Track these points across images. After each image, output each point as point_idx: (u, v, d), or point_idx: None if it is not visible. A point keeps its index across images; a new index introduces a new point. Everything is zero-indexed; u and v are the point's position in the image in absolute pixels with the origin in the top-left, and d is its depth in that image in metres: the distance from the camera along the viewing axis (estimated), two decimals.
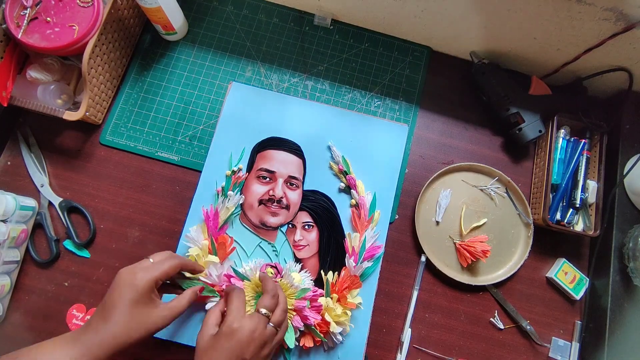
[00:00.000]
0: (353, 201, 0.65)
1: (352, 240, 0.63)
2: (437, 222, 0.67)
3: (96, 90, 0.64)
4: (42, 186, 0.65)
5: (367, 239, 0.63)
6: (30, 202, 0.63)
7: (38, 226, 0.64)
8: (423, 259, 0.65)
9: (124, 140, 0.68)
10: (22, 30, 0.58)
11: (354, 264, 0.62)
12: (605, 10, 0.55)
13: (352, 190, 0.65)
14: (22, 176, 0.65)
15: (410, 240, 0.67)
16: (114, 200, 0.65)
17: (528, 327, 0.64)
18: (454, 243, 0.67)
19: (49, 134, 0.67)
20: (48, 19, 0.59)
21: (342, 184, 0.65)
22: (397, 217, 0.67)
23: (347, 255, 0.62)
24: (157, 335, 0.53)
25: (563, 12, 0.57)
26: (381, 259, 0.64)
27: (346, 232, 0.64)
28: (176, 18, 0.67)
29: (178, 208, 0.65)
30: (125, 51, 0.70)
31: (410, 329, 0.63)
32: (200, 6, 0.74)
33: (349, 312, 0.59)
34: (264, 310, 0.50)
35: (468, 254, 0.64)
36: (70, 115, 0.60)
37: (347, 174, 0.65)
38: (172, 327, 0.59)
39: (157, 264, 0.49)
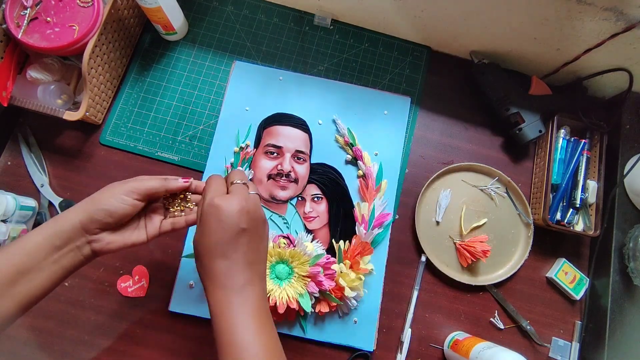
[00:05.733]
0: (360, 172, 0.67)
1: (362, 209, 0.65)
2: (437, 222, 0.67)
3: (96, 90, 0.64)
4: (42, 186, 0.65)
5: (375, 207, 0.65)
6: (30, 202, 0.63)
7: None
8: (423, 259, 0.65)
9: (124, 140, 0.68)
10: (22, 30, 0.58)
11: (364, 231, 0.63)
12: (605, 10, 0.55)
13: (358, 162, 0.67)
14: (22, 176, 0.65)
15: (410, 240, 0.67)
16: None
17: (528, 327, 0.64)
18: (454, 243, 0.67)
19: (49, 134, 0.67)
20: (48, 19, 0.59)
21: (349, 156, 0.67)
22: (397, 217, 0.67)
23: (357, 223, 0.64)
24: (175, 309, 0.61)
25: (563, 12, 0.57)
26: (390, 225, 0.65)
27: (355, 202, 0.66)
28: (176, 18, 0.67)
29: None
30: (125, 51, 0.70)
31: (410, 329, 0.63)
32: (200, 6, 0.74)
33: (362, 277, 0.61)
34: (238, 180, 0.44)
35: (468, 254, 0.64)
36: (70, 115, 0.60)
37: (353, 146, 0.67)
38: (190, 301, 0.61)
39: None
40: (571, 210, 0.66)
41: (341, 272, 0.61)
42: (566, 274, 0.66)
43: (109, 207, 0.44)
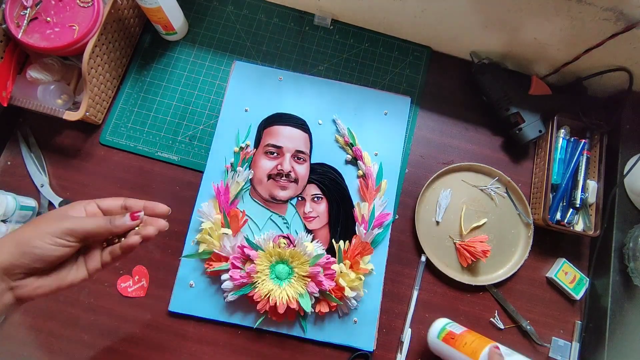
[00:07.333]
0: (360, 172, 0.67)
1: (362, 209, 0.65)
2: (437, 222, 0.67)
3: (96, 90, 0.64)
4: (42, 186, 0.65)
5: (375, 207, 0.65)
6: (30, 202, 0.63)
7: None
8: (423, 259, 0.65)
9: (124, 140, 0.68)
10: (22, 30, 0.58)
11: (364, 231, 0.64)
12: (605, 10, 0.55)
13: (358, 162, 0.67)
14: (22, 176, 0.65)
15: (410, 240, 0.67)
16: None
17: (528, 327, 0.64)
18: (454, 243, 0.67)
19: (49, 134, 0.67)
20: (48, 19, 0.59)
21: (349, 156, 0.67)
22: (397, 217, 0.67)
23: (357, 223, 0.64)
24: (174, 309, 0.61)
25: (563, 12, 0.57)
26: (390, 225, 0.65)
27: (355, 202, 0.66)
28: (176, 18, 0.67)
29: (178, 208, 0.65)
30: (125, 51, 0.70)
31: (410, 329, 0.63)
32: (200, 6, 0.74)
33: (362, 277, 0.61)
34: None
35: (468, 254, 0.64)
36: (70, 115, 0.60)
37: (353, 146, 0.67)
38: (189, 300, 0.62)
39: None
40: (571, 210, 0.66)
41: (341, 272, 0.61)
42: (566, 274, 0.66)
43: (36, 252, 0.37)
